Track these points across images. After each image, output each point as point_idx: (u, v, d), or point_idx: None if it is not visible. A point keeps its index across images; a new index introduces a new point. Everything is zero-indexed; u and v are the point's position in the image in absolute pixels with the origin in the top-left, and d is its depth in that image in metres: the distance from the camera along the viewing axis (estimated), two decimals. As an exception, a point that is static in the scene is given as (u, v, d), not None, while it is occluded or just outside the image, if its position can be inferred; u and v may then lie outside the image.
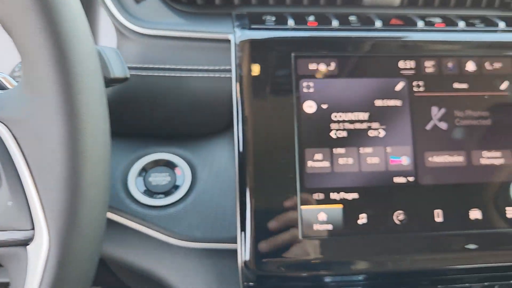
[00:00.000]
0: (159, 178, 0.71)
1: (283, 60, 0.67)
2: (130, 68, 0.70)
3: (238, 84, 0.66)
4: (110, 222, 0.67)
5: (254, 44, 0.67)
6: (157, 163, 0.72)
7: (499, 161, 0.69)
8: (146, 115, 0.72)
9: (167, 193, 0.70)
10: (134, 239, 0.68)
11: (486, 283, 0.68)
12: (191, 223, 0.68)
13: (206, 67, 0.70)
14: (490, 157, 0.69)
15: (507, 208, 0.68)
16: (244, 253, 0.63)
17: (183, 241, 0.66)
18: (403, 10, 0.79)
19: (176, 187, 0.71)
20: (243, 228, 0.63)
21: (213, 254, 0.68)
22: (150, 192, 0.70)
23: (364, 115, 0.68)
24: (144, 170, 0.72)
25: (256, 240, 0.63)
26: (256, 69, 0.66)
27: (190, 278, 0.67)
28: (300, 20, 0.72)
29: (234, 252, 0.65)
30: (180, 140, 0.74)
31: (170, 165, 0.72)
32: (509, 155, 0.69)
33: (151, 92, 0.70)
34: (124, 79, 0.58)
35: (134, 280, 0.89)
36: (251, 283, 0.64)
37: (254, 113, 0.66)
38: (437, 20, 0.74)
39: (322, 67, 0.68)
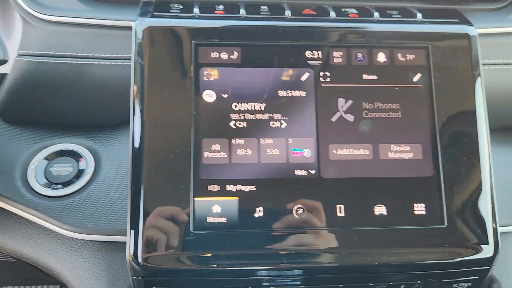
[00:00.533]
0: (61, 169, 0.69)
1: (183, 48, 0.65)
2: (32, 55, 0.69)
3: (136, 72, 0.64)
4: (2, 211, 0.65)
5: (154, 31, 0.65)
6: (61, 153, 0.70)
7: (408, 155, 0.66)
8: (50, 103, 0.70)
9: (67, 184, 0.68)
10: (27, 230, 0.66)
11: (390, 283, 0.66)
12: (85, 215, 0.66)
13: (108, 55, 0.68)
14: (399, 151, 0.66)
15: (415, 205, 0.65)
16: (132, 246, 0.61)
17: (74, 232, 0.64)
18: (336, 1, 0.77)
19: (78, 178, 0.69)
20: (133, 220, 0.61)
21: (106, 246, 0.66)
22: (50, 182, 0.68)
23: (266, 106, 0.65)
24: (48, 160, 0.70)
25: (145, 232, 0.61)
26: (155, 57, 0.64)
27: (81, 270, 0.65)
28: (208, 9, 0.70)
29: (125, 245, 0.62)
30: (87, 131, 0.73)
31: (75, 156, 0.71)
32: (419, 150, 0.66)
33: (54, 79, 0.69)
34: (2, 62, 0.56)
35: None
36: (140, 277, 0.62)
37: (152, 102, 0.63)
38: (352, 10, 0.72)
39: (224, 56, 0.66)
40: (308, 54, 0.67)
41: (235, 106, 0.65)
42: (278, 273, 0.63)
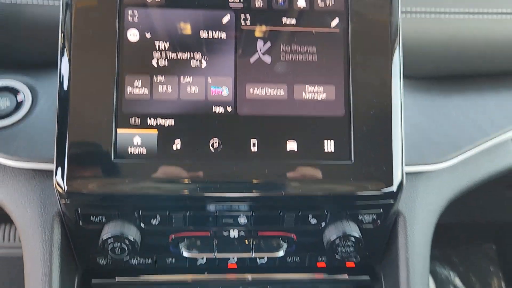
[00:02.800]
0: (-2, 103, 0.74)
1: (109, -12, 0.69)
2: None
3: (63, 13, 0.68)
4: None
5: (80, -29, 0.69)
6: (-1, 89, 0.75)
7: (321, 96, 0.70)
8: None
9: (3, 117, 0.73)
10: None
11: (299, 213, 0.71)
12: (20, 145, 0.71)
13: (41, -5, 0.72)
14: (313, 92, 0.71)
15: (325, 142, 0.70)
16: (58, 172, 0.66)
17: (8, 160, 0.70)
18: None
19: (15, 112, 0.74)
20: (58, 149, 0.66)
21: (38, 174, 0.72)
22: None
23: (187, 46, 0.69)
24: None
25: (70, 160, 0.66)
26: (81, -3, 0.68)
27: (16, 195, 0.71)
28: None
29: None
30: (25, 68, 0.77)
31: (12, 91, 0.75)
32: (332, 91, 0.70)
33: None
34: None
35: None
36: (66, 201, 0.67)
37: (78, 41, 0.67)
38: None
39: (149, -3, 0.69)
40: (230, -3, 0.70)
41: (158, 46, 0.69)
42: (192, 201, 0.68)
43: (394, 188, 0.70)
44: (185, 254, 0.73)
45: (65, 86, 0.67)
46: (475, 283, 1.61)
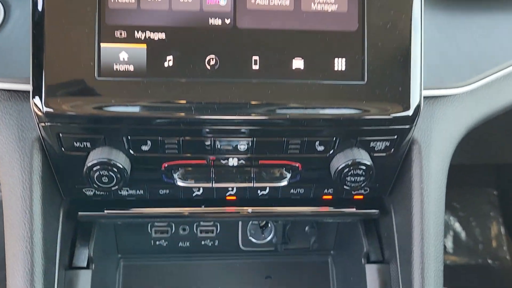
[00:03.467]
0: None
1: None
2: None
3: None
4: None
5: None
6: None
7: (331, 7, 0.62)
8: None
9: (-27, 32, 0.65)
10: None
11: (305, 139, 0.65)
12: None
13: None
14: (322, 2, 0.62)
15: (335, 60, 0.62)
16: (35, 92, 0.59)
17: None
18: None
19: (-14, 26, 0.66)
20: (35, 66, 0.59)
21: (15, 95, 0.64)
22: None
23: None
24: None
25: (48, 78, 0.58)
26: None
27: None
28: None
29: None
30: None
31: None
32: (344, 1, 0.62)
33: None
34: None
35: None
36: (44, 124, 0.61)
37: None
38: None
39: None
40: None
41: None
42: (186, 125, 0.62)
43: (410, 112, 0.63)
44: (180, 183, 0.67)
45: None
46: (475, 227, 1.59)
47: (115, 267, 0.94)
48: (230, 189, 0.73)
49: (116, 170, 0.63)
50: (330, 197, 0.76)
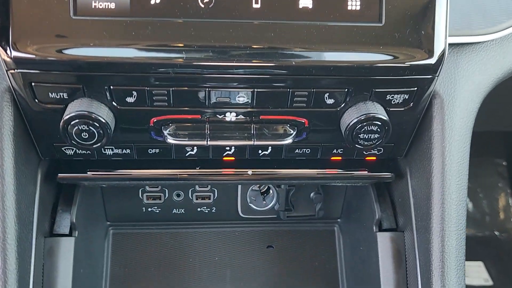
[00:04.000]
0: None
1: None
2: None
3: None
4: None
5: None
6: None
7: None
8: None
9: None
10: None
11: (313, 90, 0.57)
12: None
13: None
14: None
15: (348, -2, 0.54)
16: (1, 34, 0.51)
17: None
18: None
19: None
20: (0, 3, 0.51)
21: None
22: None
23: None
24: None
25: (16, 18, 0.51)
26: None
27: None
28: None
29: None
30: None
31: None
32: None
33: None
34: None
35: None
36: (13, 70, 0.53)
37: None
38: None
39: None
40: None
41: None
42: (176, 72, 0.54)
43: (434, 59, 0.56)
44: (170, 141, 0.60)
45: None
46: (482, 199, 1.54)
47: (103, 236, 0.88)
48: (227, 148, 0.65)
49: (97, 125, 0.55)
50: (339, 158, 0.68)
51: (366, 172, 0.70)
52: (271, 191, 0.88)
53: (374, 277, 0.74)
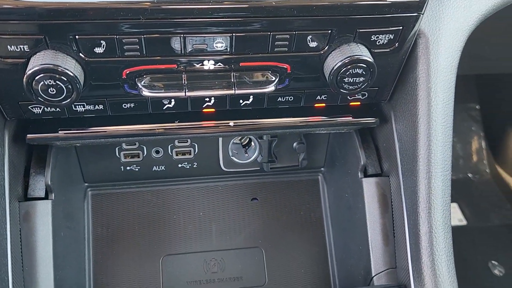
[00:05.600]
0: None
1: None
2: None
3: None
4: None
5: None
6: None
7: None
8: None
9: None
10: None
11: (295, 32, 0.54)
12: None
13: None
14: None
15: None
16: None
17: None
18: None
19: None
20: None
21: None
22: None
23: None
24: None
25: None
26: None
27: None
28: None
29: None
30: None
31: None
32: None
33: None
34: None
35: None
36: None
37: None
38: None
39: None
40: None
41: None
42: (148, 16, 0.49)
43: (419, -5, 0.53)
44: (146, 93, 0.56)
45: None
46: (456, 142, 1.55)
47: (82, 197, 0.84)
48: (207, 99, 0.62)
49: (65, 79, 0.51)
50: (323, 105, 0.66)
51: (351, 118, 0.68)
52: (252, 144, 0.85)
53: (361, 222, 0.73)
